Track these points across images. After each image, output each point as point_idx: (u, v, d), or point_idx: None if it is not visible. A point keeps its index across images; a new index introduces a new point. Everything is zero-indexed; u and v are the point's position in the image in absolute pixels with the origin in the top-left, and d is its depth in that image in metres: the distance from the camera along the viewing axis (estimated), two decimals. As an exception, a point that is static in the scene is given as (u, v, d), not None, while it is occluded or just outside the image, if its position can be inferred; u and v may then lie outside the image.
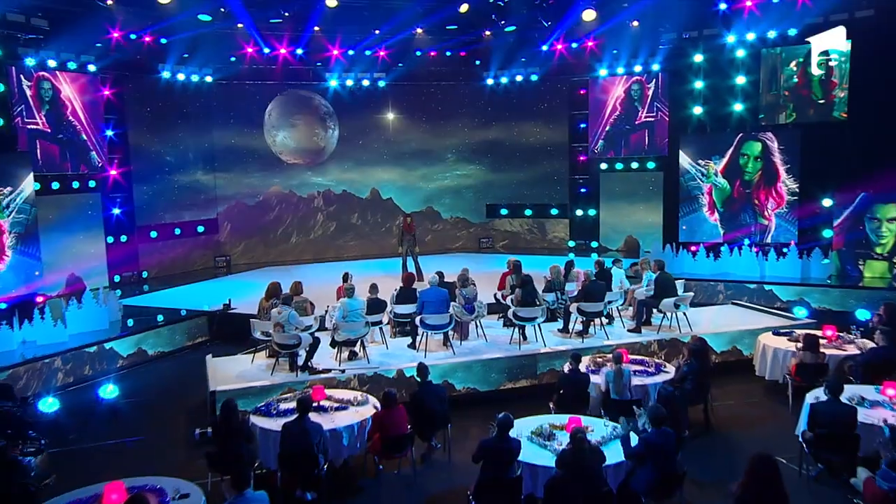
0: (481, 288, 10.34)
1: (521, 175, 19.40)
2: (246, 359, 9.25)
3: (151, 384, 9.82)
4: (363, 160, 18.93)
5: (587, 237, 18.48)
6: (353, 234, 19.08)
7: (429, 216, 19.53)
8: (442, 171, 19.72)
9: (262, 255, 18.18)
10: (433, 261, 15.91)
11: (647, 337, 9.80)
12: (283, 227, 18.58)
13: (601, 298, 9.71)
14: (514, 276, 10.45)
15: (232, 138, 17.77)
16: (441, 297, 9.21)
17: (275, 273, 15.77)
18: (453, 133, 19.44)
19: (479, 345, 9.57)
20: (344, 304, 8.84)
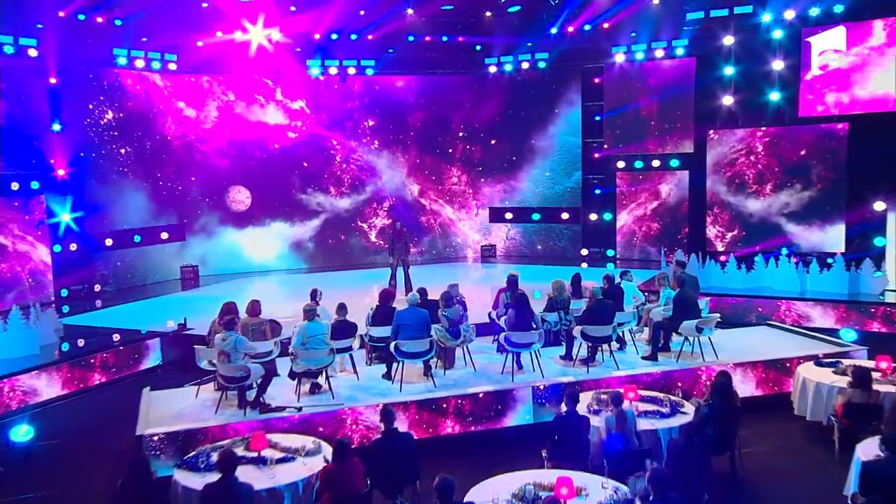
0: (478, 307, 9.76)
1: (527, 175, 19.18)
2: (190, 392, 8.66)
3: (80, 422, 9.16)
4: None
5: (602, 245, 18.21)
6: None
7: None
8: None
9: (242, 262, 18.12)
10: (429, 272, 15.65)
11: (663, 366, 9.16)
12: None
13: (609, 321, 9.06)
14: (509, 293, 9.82)
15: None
16: (420, 320, 8.60)
17: (253, 284, 16.26)
18: (445, 131, 19.32)
19: (466, 375, 9.00)
20: (302, 328, 8.24)
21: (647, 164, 17.46)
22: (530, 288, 12.90)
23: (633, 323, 9.94)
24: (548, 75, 18.36)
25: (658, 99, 17.10)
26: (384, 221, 18.70)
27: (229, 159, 17.87)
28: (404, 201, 19.43)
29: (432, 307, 9.17)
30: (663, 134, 17.29)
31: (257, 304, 8.88)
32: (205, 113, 17.65)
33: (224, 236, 17.94)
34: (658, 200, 17.76)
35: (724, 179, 16.53)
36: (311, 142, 18.46)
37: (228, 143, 17.78)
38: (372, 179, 19.14)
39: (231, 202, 18.02)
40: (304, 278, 16.44)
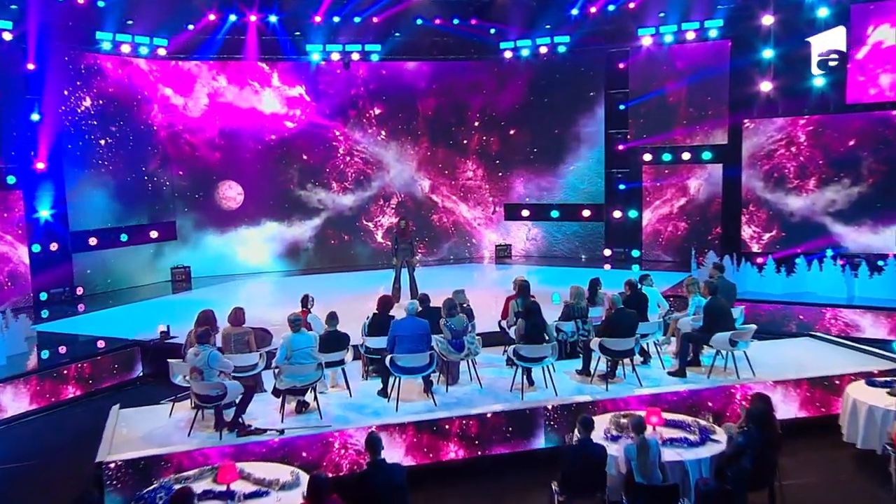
0: (489, 314, 9.44)
1: (546, 169, 18.94)
2: (165, 410, 8.25)
3: (47, 442, 8.77)
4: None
5: (627, 244, 17.89)
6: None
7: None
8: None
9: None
10: (438, 275, 15.39)
11: (692, 383, 8.63)
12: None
13: (631, 332, 8.59)
14: (520, 300, 9.42)
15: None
16: (419, 331, 8.22)
17: (248, 287, 16.02)
18: (459, 121, 19.06)
19: (472, 392, 8.60)
20: (287, 340, 7.84)
21: (676, 156, 17.07)
22: (549, 292, 12.98)
23: (658, 334, 9.47)
24: (567, 60, 18.04)
25: (686, 84, 16.72)
26: (392, 220, 18.26)
27: (220, 151, 17.57)
28: (414, 198, 19.11)
29: (435, 315, 8.80)
30: (692, 123, 16.88)
31: (240, 312, 8.53)
32: (193, 100, 17.32)
33: (215, 236, 17.74)
34: (686, 197, 17.37)
35: (760, 174, 16.03)
36: (310, 132, 18.13)
37: (220, 133, 17.49)
38: (378, 174, 18.80)
39: (221, 199, 17.75)
40: (301, 281, 16.19)
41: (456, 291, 9.39)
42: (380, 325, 8.82)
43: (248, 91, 17.63)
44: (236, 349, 8.17)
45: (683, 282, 10.03)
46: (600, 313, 9.50)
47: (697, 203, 17.15)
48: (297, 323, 7.97)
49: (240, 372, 8.06)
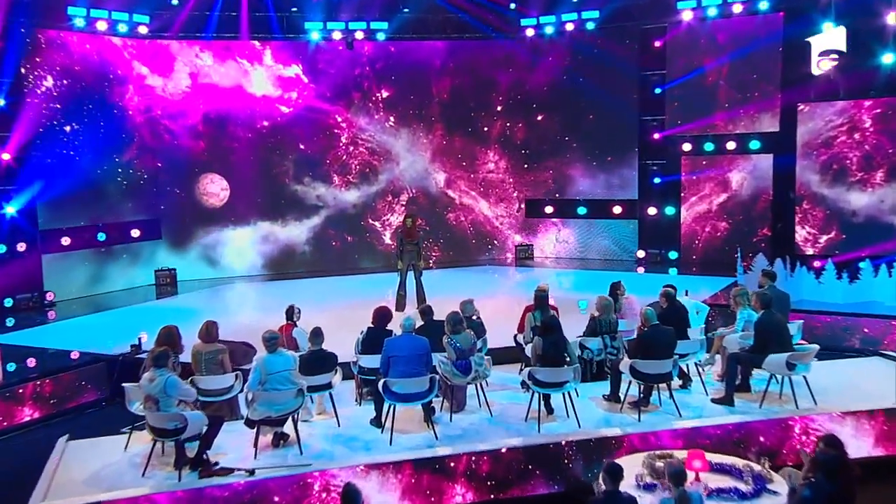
0: (503, 327, 9.20)
1: (572, 161, 18.65)
2: (121, 442, 7.70)
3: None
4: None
5: (663, 245, 17.56)
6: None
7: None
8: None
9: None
10: (449, 280, 15.20)
11: (741, 414, 7.98)
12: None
13: (668, 353, 8.00)
14: (537, 313, 8.94)
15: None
16: (417, 350, 7.71)
17: (238, 292, 15.85)
18: (479, 105, 18.75)
19: (479, 421, 8.08)
20: (260, 363, 7.33)
21: (719, 146, 16.59)
22: (575, 298, 12.81)
23: (700, 353, 8.88)
24: (597, 38, 17.67)
25: (728, 60, 16.24)
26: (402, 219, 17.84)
27: (204, 140, 17.07)
28: (427, 193, 18.76)
29: (439, 330, 8.31)
30: (735, 106, 16.39)
31: (213, 326, 8.13)
32: (173, 81, 16.77)
33: (202, 236, 17.38)
34: (727, 193, 16.93)
35: (816, 165, 15.45)
36: (308, 118, 17.67)
37: (204, 118, 16.99)
38: (387, 166, 18.42)
39: (202, 195, 17.25)
40: (297, 285, 15.92)
41: (464, 302, 9.01)
42: (375, 340, 8.34)
43: (236, 71, 17.13)
44: (208, 369, 7.82)
45: (730, 292, 9.29)
46: (626, 326, 9.14)
47: (740, 200, 16.69)
48: (272, 342, 7.44)
49: (212, 396, 7.75)
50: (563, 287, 15.08)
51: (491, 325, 9.42)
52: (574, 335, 8.73)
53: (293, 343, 8.65)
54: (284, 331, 8.73)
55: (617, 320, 9.11)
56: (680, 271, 16.15)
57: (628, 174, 17.89)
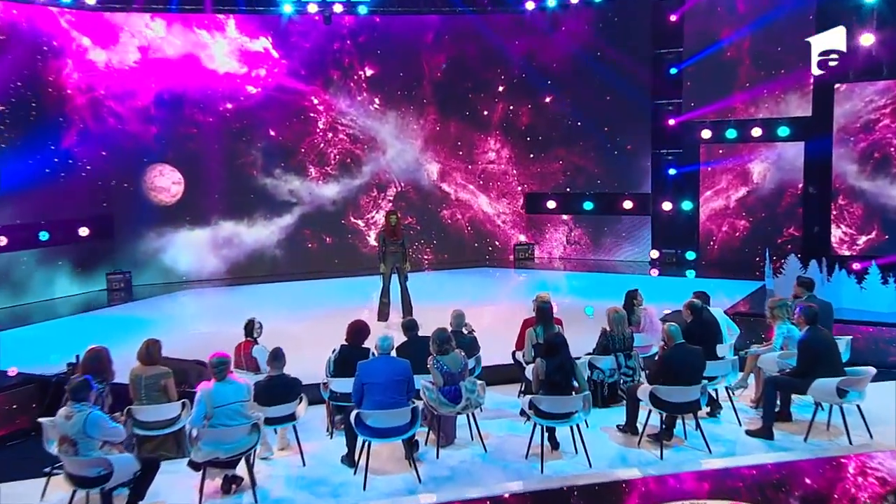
0: (500, 340, 8.95)
1: (576, 151, 18.48)
2: (37, 488, 7.05)
3: None
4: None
5: (679, 245, 17.33)
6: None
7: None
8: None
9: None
10: (440, 283, 15.17)
11: (783, 451, 7.45)
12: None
13: (696, 378, 7.48)
14: (539, 328, 8.50)
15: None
16: (395, 375, 7.17)
17: (200, 299, 15.50)
18: (479, 85, 18.60)
19: (472, 458, 7.58)
20: (206, 394, 6.68)
21: (743, 133, 16.31)
22: (581, 306, 12.75)
23: (732, 376, 8.33)
24: (604, 13, 17.61)
25: (749, 33, 15.97)
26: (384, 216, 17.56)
27: (157, 125, 16.42)
28: (419, 187, 18.46)
29: (425, 349, 7.80)
30: (758, 84, 16.11)
31: (154, 345, 7.63)
32: (119, 55, 16.02)
33: (153, 238, 16.79)
34: (747, 186, 16.73)
35: (854, 154, 15.04)
36: (279, 99, 17.16)
37: (156, 100, 16.31)
38: (371, 156, 18.05)
39: (149, 190, 16.53)
40: (266, 291, 15.69)
41: (455, 315, 8.68)
42: (350, 361, 7.82)
43: (193, 43, 16.45)
44: (149, 397, 7.37)
45: (767, 304, 8.91)
46: (642, 341, 9.03)
47: (762, 195, 16.48)
48: (220, 368, 6.78)
49: (154, 428, 7.31)
50: (566, 292, 14.92)
51: (485, 338, 9.01)
52: (582, 352, 8.41)
53: (253, 364, 8.21)
54: (243, 349, 8.32)
55: (632, 335, 8.75)
56: (698, 274, 15.93)
57: (640, 165, 17.67)
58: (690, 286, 13.96)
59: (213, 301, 15.34)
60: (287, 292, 15.39)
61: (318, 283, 16.18)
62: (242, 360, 8.23)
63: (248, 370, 8.16)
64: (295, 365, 7.67)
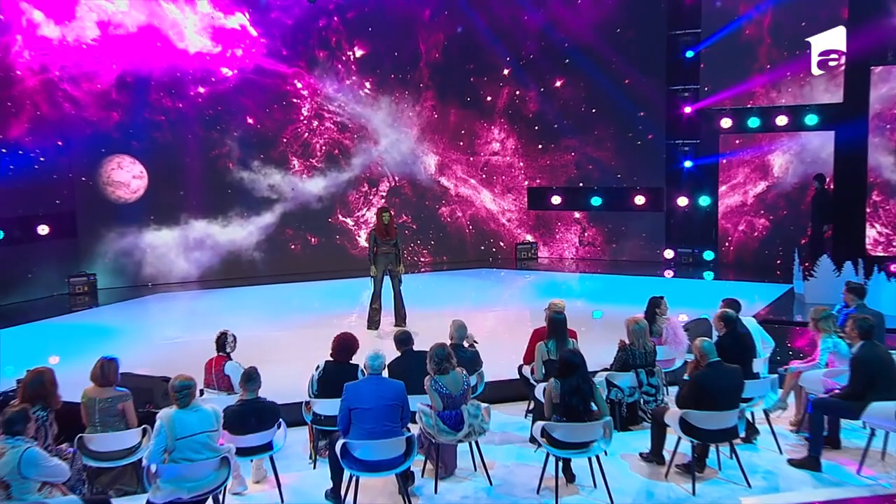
0: (504, 351, 8.81)
1: (591, 141, 18.40)
2: None
3: None
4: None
5: (696, 244, 17.30)
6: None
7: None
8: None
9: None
10: (436, 287, 15.11)
11: (833, 486, 7.04)
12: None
13: (734, 402, 7.02)
14: (551, 343, 8.18)
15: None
16: (387, 399, 6.74)
17: (175, 301, 15.36)
18: (482, 67, 18.57)
19: (475, 492, 7.24)
20: (167, 421, 6.19)
21: (767, 121, 16.21)
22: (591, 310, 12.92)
23: (771, 397, 7.93)
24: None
25: (771, 5, 16.01)
26: (375, 214, 17.46)
27: (119, 111, 15.93)
28: (414, 181, 18.31)
29: (420, 364, 7.43)
30: (780, 64, 16.01)
31: (109, 365, 7.22)
32: (75, 31, 15.58)
33: (113, 239, 16.38)
34: (766, 181, 16.69)
35: (889, 144, 14.84)
36: (258, 83, 16.85)
37: (118, 82, 15.83)
38: (362, 146, 17.83)
39: (105, 185, 16.06)
40: (245, 295, 15.47)
41: (456, 326, 8.41)
42: (336, 379, 7.47)
43: (160, 19, 16.03)
44: (104, 423, 6.95)
45: (811, 315, 8.38)
46: (664, 354, 8.75)
47: (784, 189, 16.40)
48: (183, 393, 6.27)
49: (109, 459, 6.92)
50: (573, 295, 14.87)
51: (487, 349, 8.77)
52: (597, 367, 8.18)
53: (226, 382, 7.90)
54: (214, 365, 8.01)
55: (655, 348, 8.39)
56: (716, 276, 15.93)
57: (653, 156, 17.58)
58: (709, 290, 14.75)
59: (184, 306, 15.11)
60: (266, 297, 15.20)
61: (301, 287, 15.99)
62: (214, 379, 7.92)
63: (221, 390, 7.87)
64: (274, 382, 7.36)
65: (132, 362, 8.85)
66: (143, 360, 9.75)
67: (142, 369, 8.83)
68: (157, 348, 11.15)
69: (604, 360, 8.43)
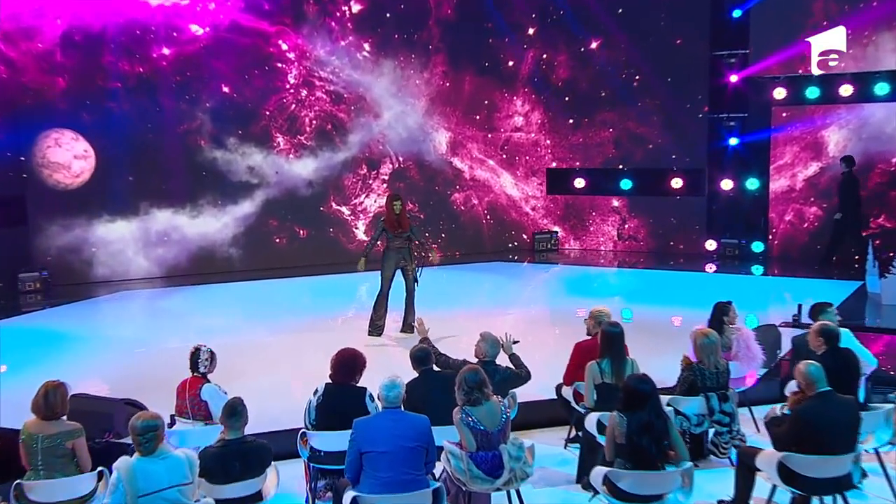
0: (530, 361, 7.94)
1: (634, 115, 18.26)
2: None
3: None
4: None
5: (743, 235, 17.30)
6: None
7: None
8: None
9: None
10: (439, 281, 14.44)
11: None
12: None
13: (849, 444, 6.43)
14: (605, 362, 7.69)
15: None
16: (409, 440, 6.28)
17: (139, 301, 15.28)
18: (501, 27, 18.26)
19: None
20: (125, 473, 5.73)
21: (828, 91, 15.92)
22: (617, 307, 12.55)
23: (885, 432, 7.37)
24: None
25: None
26: (385, 202, 17.76)
27: (66, 77, 15.46)
28: (422, 162, 18.17)
29: (443, 387, 7.07)
30: (838, 19, 15.82)
31: (56, 392, 6.77)
32: None
33: (69, 228, 15.99)
34: (819, 161, 16.51)
35: None
36: (234, 44, 16.46)
37: (64, 42, 15.35)
38: (360, 121, 17.65)
39: (41, 168, 15.58)
40: (223, 293, 15.23)
41: (484, 341, 7.67)
42: (338, 407, 7.14)
43: None
44: (48, 465, 6.50)
45: None
46: (734, 371, 8.20)
47: (837, 171, 15.93)
48: (148, 437, 5.76)
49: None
50: (596, 292, 14.82)
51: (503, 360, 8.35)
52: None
53: (202, 410, 7.53)
54: (188, 388, 7.61)
55: (727, 367, 7.89)
56: (766, 271, 15.95)
57: (693, 132, 17.58)
58: (759, 287, 14.57)
59: (150, 307, 14.91)
60: (246, 295, 14.93)
61: (287, 283, 15.76)
62: (187, 405, 7.50)
63: (196, 419, 7.47)
64: (260, 400, 7.09)
65: (86, 377, 8.78)
66: (103, 374, 9.56)
67: (100, 386, 8.63)
68: (118, 359, 10.82)
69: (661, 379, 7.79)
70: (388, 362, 8.25)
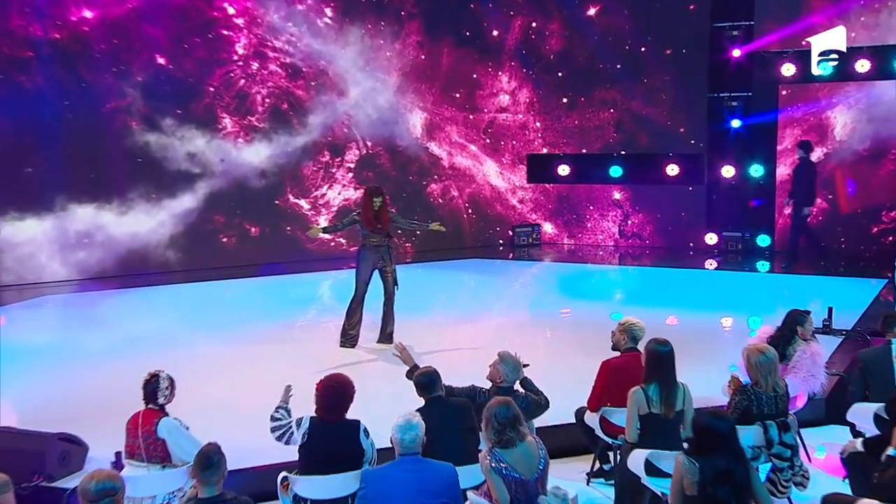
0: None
1: (639, 92, 18.28)
2: None
3: None
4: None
5: (746, 227, 17.38)
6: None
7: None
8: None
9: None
10: (417, 282, 14.38)
11: None
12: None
13: None
14: (653, 387, 7.23)
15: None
16: (432, 497, 6.02)
17: (77, 304, 15.02)
18: (472, 11, 18.53)
19: None
20: None
21: (843, 67, 15.84)
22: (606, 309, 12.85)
23: None
24: None
25: None
26: (351, 194, 17.56)
27: None
28: (394, 148, 18.11)
29: (464, 423, 6.85)
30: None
31: None
32: None
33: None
34: (825, 146, 16.73)
35: None
36: (171, 6, 16.22)
37: None
38: (321, 99, 17.50)
39: None
40: (168, 296, 14.81)
41: (507, 363, 7.29)
42: (326, 446, 6.71)
43: None
44: None
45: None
46: (791, 390, 7.87)
47: (844, 157, 16.45)
48: (105, 500, 5.13)
49: None
50: (582, 293, 14.88)
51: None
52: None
53: (158, 450, 6.94)
54: (141, 424, 7.00)
55: (786, 389, 7.48)
56: (773, 268, 15.99)
57: (690, 113, 17.73)
58: (767, 286, 14.58)
59: (77, 314, 14.32)
60: (189, 299, 14.55)
61: (242, 284, 15.45)
62: (140, 445, 6.95)
63: (152, 461, 6.94)
64: (221, 434, 6.31)
65: (8, 405, 8.64)
66: (27, 400, 9.26)
67: (25, 416, 8.54)
68: (45, 379, 10.23)
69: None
70: (364, 381, 7.58)
